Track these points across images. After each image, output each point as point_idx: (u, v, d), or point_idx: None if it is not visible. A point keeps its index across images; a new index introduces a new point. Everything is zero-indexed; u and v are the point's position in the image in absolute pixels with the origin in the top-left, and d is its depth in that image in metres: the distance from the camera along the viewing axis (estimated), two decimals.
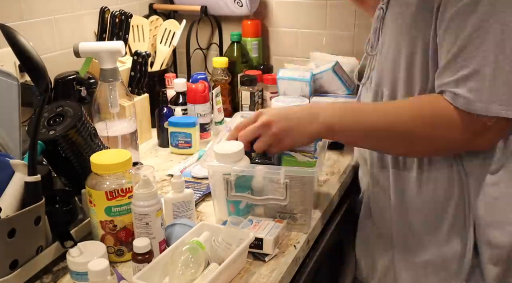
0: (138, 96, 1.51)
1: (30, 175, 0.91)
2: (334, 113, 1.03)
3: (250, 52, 1.82)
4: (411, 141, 1.00)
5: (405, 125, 0.99)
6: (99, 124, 1.24)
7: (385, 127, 1.00)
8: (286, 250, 1.01)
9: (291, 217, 1.07)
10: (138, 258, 0.89)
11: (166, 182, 1.28)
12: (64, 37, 1.50)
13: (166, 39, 1.71)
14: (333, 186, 1.26)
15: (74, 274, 0.91)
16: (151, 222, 0.93)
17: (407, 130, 0.99)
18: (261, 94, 1.69)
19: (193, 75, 1.61)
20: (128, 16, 1.53)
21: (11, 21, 1.32)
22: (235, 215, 1.05)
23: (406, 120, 0.99)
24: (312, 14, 1.80)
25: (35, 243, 0.91)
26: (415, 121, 0.98)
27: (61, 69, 1.37)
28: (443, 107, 0.95)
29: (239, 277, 0.93)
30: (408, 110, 1.00)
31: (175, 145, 1.45)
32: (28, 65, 0.91)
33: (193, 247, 0.89)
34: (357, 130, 1.03)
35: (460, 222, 1.04)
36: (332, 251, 1.23)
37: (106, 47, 1.23)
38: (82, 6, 1.56)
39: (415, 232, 1.10)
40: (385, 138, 1.02)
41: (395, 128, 1.00)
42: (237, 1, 1.77)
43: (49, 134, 1.01)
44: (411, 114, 0.99)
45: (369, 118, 1.02)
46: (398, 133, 1.00)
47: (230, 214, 1.07)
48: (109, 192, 0.94)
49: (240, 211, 1.08)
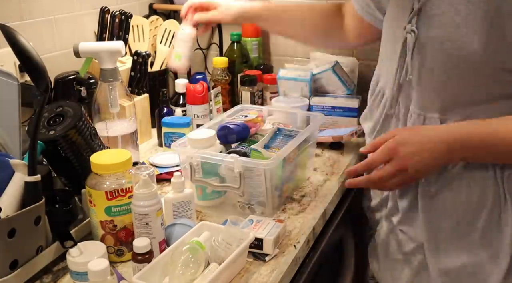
0: (138, 96, 1.51)
1: (30, 175, 0.91)
2: (468, 151, 0.96)
3: (250, 52, 1.82)
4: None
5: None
6: (99, 124, 1.24)
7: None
8: (286, 250, 1.01)
9: (249, 207, 1.13)
10: (138, 258, 0.89)
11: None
12: (64, 37, 1.50)
13: (166, 39, 1.71)
14: (333, 186, 1.26)
15: (74, 274, 0.91)
16: (151, 222, 0.93)
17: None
18: (261, 94, 1.69)
19: (193, 75, 1.61)
20: (128, 16, 1.53)
21: (11, 21, 1.32)
22: (203, 199, 1.17)
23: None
24: None
25: (35, 243, 0.91)
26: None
27: (61, 69, 1.37)
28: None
29: (239, 277, 0.93)
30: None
31: (169, 145, 1.44)
32: (28, 65, 0.91)
33: (193, 247, 0.89)
34: (492, 156, 0.97)
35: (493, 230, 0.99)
36: (332, 251, 1.23)
37: (106, 47, 1.23)
38: (82, 6, 1.56)
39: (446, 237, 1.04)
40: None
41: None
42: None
43: (49, 134, 1.01)
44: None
45: (501, 142, 0.94)
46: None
47: (198, 198, 1.17)
48: (109, 192, 0.94)
49: (208, 196, 1.17)
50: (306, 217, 1.13)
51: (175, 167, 1.31)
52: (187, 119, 1.45)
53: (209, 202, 1.18)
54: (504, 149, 0.94)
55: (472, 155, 0.97)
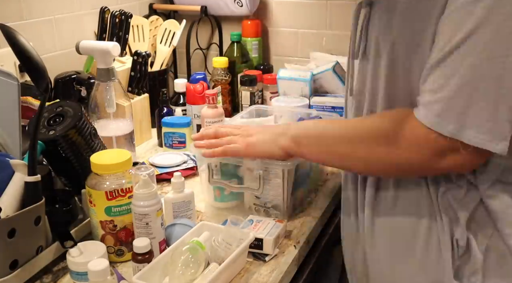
0: (138, 96, 1.51)
1: (30, 175, 0.91)
2: (300, 127, 1.02)
3: (250, 52, 1.82)
4: (368, 161, 0.92)
5: (363, 145, 0.91)
6: (96, 124, 1.24)
7: (344, 140, 0.94)
8: (286, 250, 1.01)
9: (265, 210, 1.11)
10: (138, 258, 0.89)
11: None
12: (64, 37, 1.50)
13: (166, 39, 1.71)
14: (333, 186, 1.26)
15: (74, 274, 0.91)
16: (151, 222, 0.93)
17: (365, 150, 0.91)
18: (261, 94, 1.69)
19: (192, 75, 1.61)
20: (128, 16, 1.53)
21: (11, 21, 1.32)
22: (220, 200, 1.15)
23: (365, 140, 0.91)
24: (312, 14, 1.80)
25: (35, 243, 0.91)
26: (374, 140, 0.90)
27: (61, 69, 1.37)
28: (410, 125, 0.85)
29: (239, 277, 0.93)
30: (371, 127, 0.92)
31: (169, 145, 1.44)
32: (28, 65, 0.91)
33: (193, 247, 0.89)
34: (319, 144, 0.98)
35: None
36: (332, 251, 1.23)
37: (100, 47, 1.23)
38: (82, 6, 1.56)
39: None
40: (344, 153, 0.94)
41: (352, 142, 0.93)
42: (237, 1, 1.77)
43: (49, 134, 1.01)
44: (372, 132, 0.91)
45: (331, 132, 0.98)
46: (354, 148, 0.92)
47: (216, 199, 1.16)
48: (109, 192, 0.94)
49: (225, 197, 1.15)
50: (306, 217, 1.13)
51: (175, 167, 1.31)
52: (187, 119, 1.45)
53: (226, 204, 1.16)
54: (332, 133, 0.97)
55: (303, 133, 1.00)
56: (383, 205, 0.97)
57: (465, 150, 0.81)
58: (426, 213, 0.91)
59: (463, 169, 0.87)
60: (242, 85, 1.65)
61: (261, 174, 1.06)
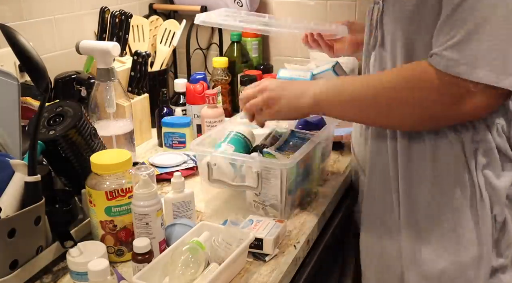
0: (138, 96, 1.51)
1: (30, 175, 0.91)
2: (321, 86, 1.03)
3: (250, 52, 1.82)
4: (390, 107, 0.96)
5: (384, 90, 0.96)
6: (96, 124, 1.24)
7: (366, 94, 0.98)
8: (286, 250, 1.01)
9: (263, 208, 1.11)
10: (138, 258, 0.89)
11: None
12: (64, 37, 1.50)
13: (166, 39, 1.71)
14: (333, 186, 1.26)
15: (74, 274, 0.91)
16: (151, 222, 0.93)
17: (386, 95, 0.95)
18: None
19: (192, 75, 1.61)
20: (128, 16, 1.53)
21: (11, 21, 1.32)
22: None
23: (385, 85, 0.96)
24: (312, 14, 1.80)
25: (35, 243, 0.91)
26: (394, 86, 0.95)
27: (61, 69, 1.37)
28: (424, 70, 0.90)
29: (239, 277, 0.93)
30: (389, 75, 0.97)
31: (169, 145, 1.44)
32: (28, 65, 0.91)
33: (193, 247, 0.89)
34: (341, 101, 1.01)
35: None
36: (332, 251, 1.23)
37: (100, 47, 1.23)
38: (82, 6, 1.56)
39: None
40: (367, 106, 0.98)
41: (376, 94, 0.97)
42: (237, 1, 1.77)
43: (49, 134, 1.01)
44: (391, 78, 0.96)
45: (352, 87, 1.00)
46: (377, 99, 0.96)
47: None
48: (109, 192, 0.94)
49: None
50: (306, 217, 1.13)
51: (175, 167, 1.31)
52: (187, 119, 1.45)
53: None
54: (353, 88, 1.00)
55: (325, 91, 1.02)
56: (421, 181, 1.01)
57: (479, 91, 0.86)
58: (467, 189, 0.97)
59: (482, 112, 0.92)
60: (242, 85, 1.65)
61: (260, 173, 1.07)
